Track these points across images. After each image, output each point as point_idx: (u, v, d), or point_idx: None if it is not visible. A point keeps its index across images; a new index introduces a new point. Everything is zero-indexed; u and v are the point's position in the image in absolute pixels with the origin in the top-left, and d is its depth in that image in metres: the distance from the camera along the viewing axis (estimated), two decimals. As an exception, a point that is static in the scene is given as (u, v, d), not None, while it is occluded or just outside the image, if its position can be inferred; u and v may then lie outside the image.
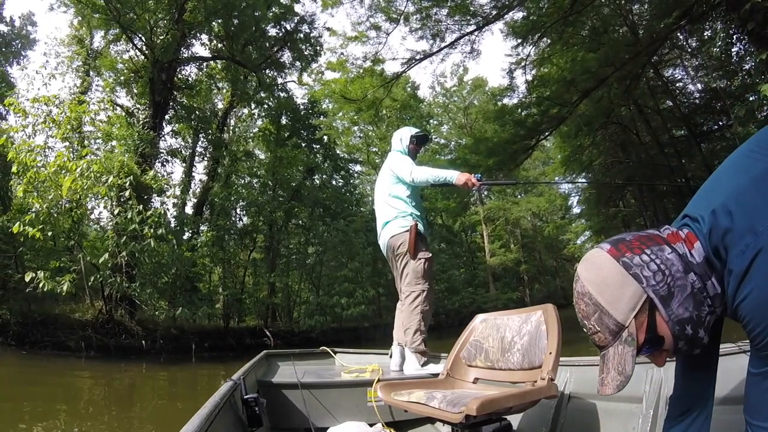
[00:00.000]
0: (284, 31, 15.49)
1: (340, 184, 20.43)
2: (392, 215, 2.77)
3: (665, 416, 0.94)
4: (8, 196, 10.34)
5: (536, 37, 11.10)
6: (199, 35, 13.92)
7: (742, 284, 0.69)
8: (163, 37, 11.66)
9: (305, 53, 15.81)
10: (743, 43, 9.29)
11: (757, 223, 0.68)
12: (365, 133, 23.88)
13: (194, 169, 16.64)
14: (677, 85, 15.62)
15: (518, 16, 11.21)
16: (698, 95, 14.98)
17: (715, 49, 10.61)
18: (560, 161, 17.91)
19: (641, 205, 17.50)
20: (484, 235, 28.98)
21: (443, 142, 28.63)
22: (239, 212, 16.45)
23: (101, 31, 13.14)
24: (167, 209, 11.49)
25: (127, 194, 8.82)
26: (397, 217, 2.75)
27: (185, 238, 12.55)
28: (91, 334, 8.79)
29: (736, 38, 9.28)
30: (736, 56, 10.63)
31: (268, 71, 15.86)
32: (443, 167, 3.89)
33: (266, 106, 17.14)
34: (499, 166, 11.75)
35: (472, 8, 10.66)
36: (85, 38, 14.53)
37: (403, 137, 2.95)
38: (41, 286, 7.55)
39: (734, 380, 1.08)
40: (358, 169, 23.82)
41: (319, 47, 15.90)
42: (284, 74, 16.74)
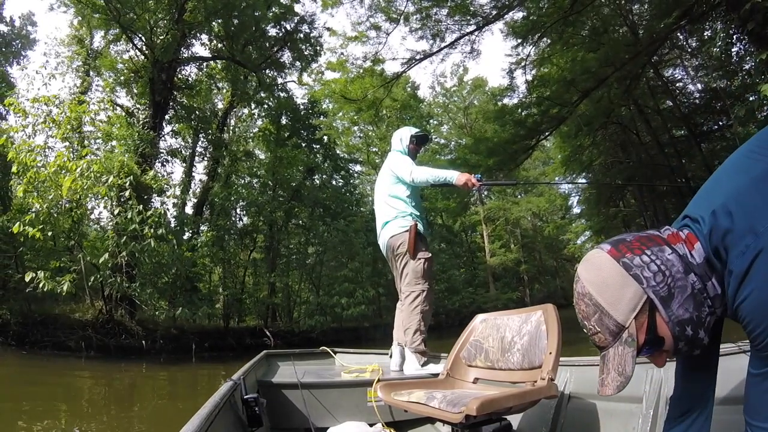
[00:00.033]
0: (284, 31, 15.49)
1: (340, 184, 20.43)
2: (392, 215, 2.77)
3: (665, 417, 0.94)
4: (8, 196, 10.34)
5: (536, 37, 11.11)
6: (199, 35, 13.93)
7: (742, 285, 0.69)
8: (163, 37, 11.65)
9: (305, 53, 15.81)
10: (743, 43, 9.29)
11: (757, 223, 0.68)
12: (365, 133, 23.88)
13: (194, 169, 16.68)
14: (677, 85, 15.63)
15: (518, 16, 11.24)
16: (698, 95, 15.00)
17: (715, 49, 10.61)
18: (560, 161, 17.92)
19: (641, 205, 17.51)
20: (484, 235, 28.98)
21: (443, 142, 28.66)
22: (239, 212, 16.46)
23: (101, 31, 13.14)
24: (167, 209, 11.52)
25: (127, 194, 8.82)
26: (396, 217, 2.75)
27: (185, 238, 12.56)
28: (91, 334, 8.79)
29: (736, 38, 9.29)
30: (736, 56, 10.64)
31: (268, 71, 15.86)
32: (443, 167, 3.89)
33: (266, 106, 17.13)
34: (499, 166, 11.75)
35: (472, 8, 10.67)
36: (85, 38, 14.53)
37: (403, 137, 2.94)
38: (41, 286, 7.55)
39: (734, 380, 1.08)
40: (358, 169, 23.85)
41: (319, 47, 15.91)
42: (284, 74, 16.76)
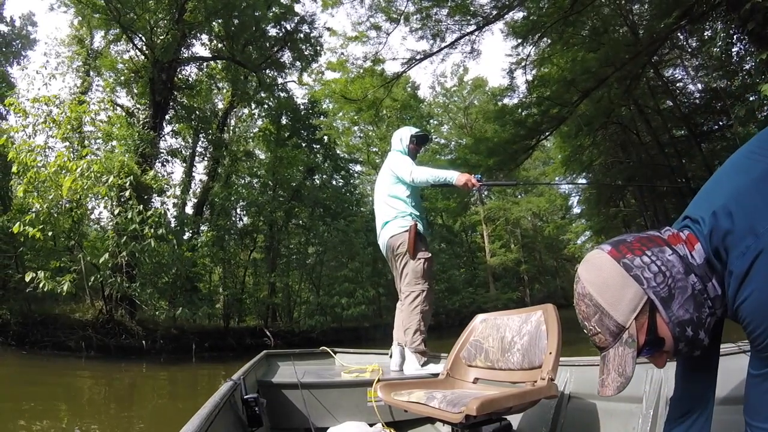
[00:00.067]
0: (284, 31, 15.49)
1: (340, 184, 20.42)
2: (392, 215, 2.76)
3: (665, 417, 0.94)
4: (8, 196, 10.34)
5: (536, 37, 11.11)
6: (199, 35, 13.93)
7: (742, 286, 0.69)
8: (163, 37, 11.65)
9: (305, 53, 15.81)
10: (743, 43, 9.30)
11: (757, 224, 0.67)
12: (365, 133, 23.88)
13: (194, 169, 16.68)
14: (677, 85, 15.63)
15: (518, 16, 11.25)
16: (698, 95, 15.00)
17: (715, 49, 10.62)
18: (560, 161, 17.93)
19: (641, 205, 17.51)
20: (484, 235, 28.98)
21: (443, 142, 28.66)
22: (239, 212, 16.46)
23: (101, 31, 13.14)
24: (167, 209, 11.53)
25: (127, 194, 8.82)
26: (396, 217, 2.74)
27: (185, 238, 12.57)
28: (91, 334, 8.79)
29: (736, 38, 9.29)
30: (736, 56, 10.64)
31: (268, 71, 15.85)
32: (443, 167, 3.89)
33: (266, 106, 17.13)
34: (499, 166, 11.75)
35: (472, 8, 10.67)
36: (85, 38, 14.53)
37: (403, 137, 2.94)
38: (41, 286, 7.55)
39: (734, 380, 1.08)
40: (358, 169, 23.85)
41: (319, 47, 15.91)
42: (284, 74, 16.76)
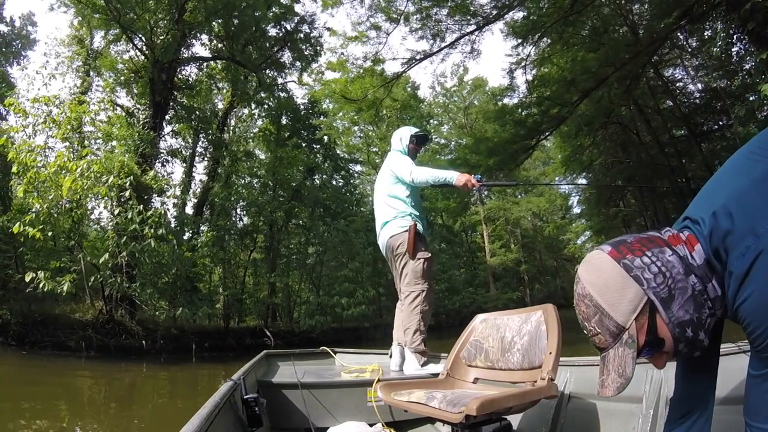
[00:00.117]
0: (284, 31, 15.48)
1: (340, 184, 20.42)
2: (391, 215, 2.76)
3: (665, 418, 0.94)
4: (8, 196, 10.34)
5: (536, 37, 11.11)
6: (199, 35, 13.93)
7: (742, 286, 0.69)
8: (163, 37, 11.65)
9: (305, 53, 15.81)
10: (743, 42, 9.30)
11: (757, 225, 0.67)
12: (365, 133, 23.89)
13: (194, 169, 16.68)
14: (677, 84, 15.64)
15: (518, 16, 11.25)
16: (698, 95, 15.01)
17: (715, 48, 10.62)
18: (560, 161, 17.93)
19: (641, 205, 17.52)
20: (484, 235, 28.98)
21: (443, 142, 28.67)
22: (239, 212, 16.46)
23: (101, 31, 13.14)
24: (167, 209, 11.54)
25: (127, 194, 8.82)
26: (396, 217, 2.74)
27: (185, 238, 12.56)
28: (91, 334, 8.79)
29: (736, 38, 9.29)
30: (736, 56, 10.64)
31: (268, 71, 15.85)
32: (443, 167, 3.89)
33: (266, 106, 17.13)
34: (499, 166, 11.76)
35: (472, 8, 10.67)
36: (85, 38, 14.53)
37: (402, 137, 2.94)
38: (41, 286, 7.55)
39: (734, 380, 1.08)
40: (358, 169, 23.85)
41: (319, 47, 15.90)
42: (284, 74, 16.75)
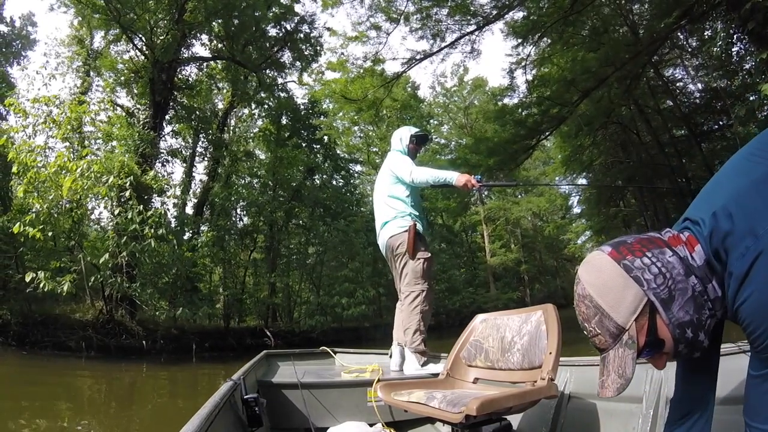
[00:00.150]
0: (284, 31, 15.48)
1: (340, 184, 20.42)
2: (391, 215, 2.76)
3: (666, 419, 0.94)
4: (8, 196, 10.34)
5: (536, 36, 11.10)
6: (199, 35, 13.93)
7: (742, 287, 0.69)
8: (163, 37, 11.65)
9: (305, 53, 15.80)
10: (743, 42, 9.29)
11: (757, 225, 0.68)
12: (365, 133, 23.89)
13: (194, 169, 16.68)
14: (677, 84, 15.62)
15: (518, 15, 11.24)
16: (698, 95, 14.99)
17: (715, 48, 10.60)
18: (561, 161, 17.92)
19: (641, 205, 17.51)
20: (484, 235, 28.97)
21: (443, 142, 28.65)
22: (239, 212, 16.46)
23: (101, 31, 13.14)
24: (167, 209, 11.55)
25: (127, 194, 8.82)
26: (396, 217, 2.74)
27: (186, 238, 12.57)
28: (91, 334, 8.79)
29: (736, 38, 9.28)
30: (736, 56, 10.63)
31: (268, 71, 15.85)
32: (443, 167, 3.89)
33: (266, 106, 17.13)
34: (499, 166, 11.75)
35: (472, 8, 10.67)
36: (85, 38, 14.53)
37: (402, 137, 2.93)
38: (42, 286, 7.55)
39: (734, 381, 1.08)
40: (358, 169, 23.84)
41: (319, 47, 15.90)
42: (284, 74, 16.75)
